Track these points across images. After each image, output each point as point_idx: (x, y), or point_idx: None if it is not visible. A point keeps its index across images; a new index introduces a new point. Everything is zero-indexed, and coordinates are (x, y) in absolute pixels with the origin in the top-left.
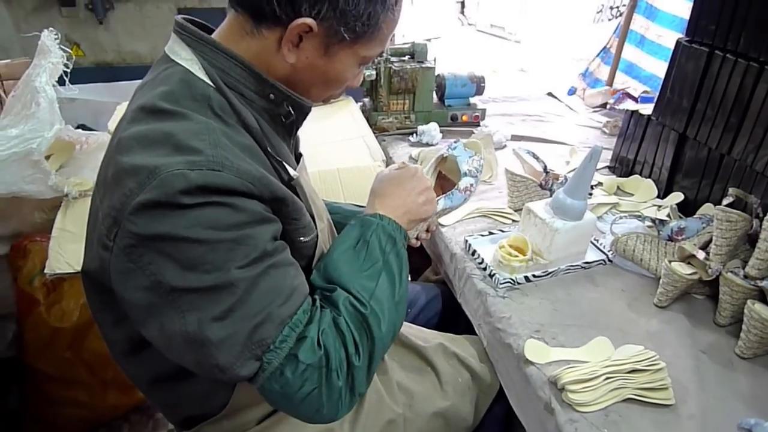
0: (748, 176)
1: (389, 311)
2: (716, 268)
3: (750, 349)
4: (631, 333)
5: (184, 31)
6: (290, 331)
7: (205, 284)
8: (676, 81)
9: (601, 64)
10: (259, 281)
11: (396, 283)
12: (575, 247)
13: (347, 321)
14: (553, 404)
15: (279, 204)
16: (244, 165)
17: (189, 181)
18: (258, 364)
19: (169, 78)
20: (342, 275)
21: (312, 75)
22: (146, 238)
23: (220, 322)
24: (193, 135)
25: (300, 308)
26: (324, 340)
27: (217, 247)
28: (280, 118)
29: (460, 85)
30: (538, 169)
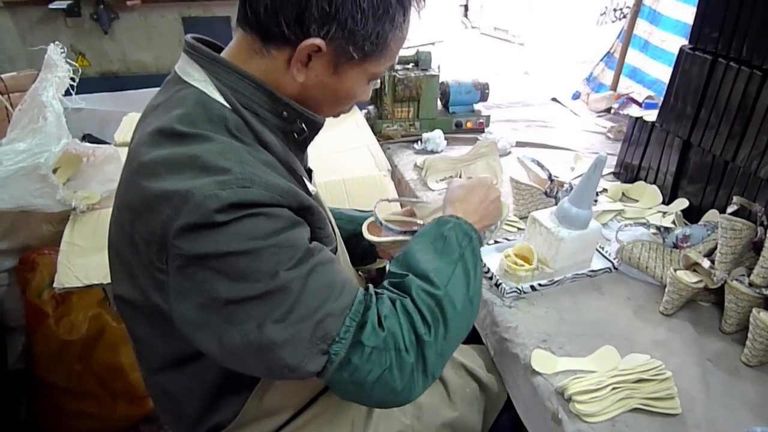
0: (753, 183)
1: (463, 302)
2: (721, 276)
3: (756, 357)
4: (638, 341)
5: (195, 52)
6: (351, 321)
7: (258, 291)
8: (680, 88)
9: (605, 68)
10: (309, 279)
11: (471, 277)
12: (581, 255)
13: (417, 303)
14: (560, 414)
15: (306, 213)
16: (272, 179)
17: (221, 200)
18: (326, 358)
19: (183, 100)
20: (419, 263)
21: (322, 93)
22: (193, 258)
23: (281, 324)
24: (218, 155)
25: (355, 298)
26: (386, 322)
27: (262, 255)
28: (293, 135)
29: (465, 92)
30: (543, 177)
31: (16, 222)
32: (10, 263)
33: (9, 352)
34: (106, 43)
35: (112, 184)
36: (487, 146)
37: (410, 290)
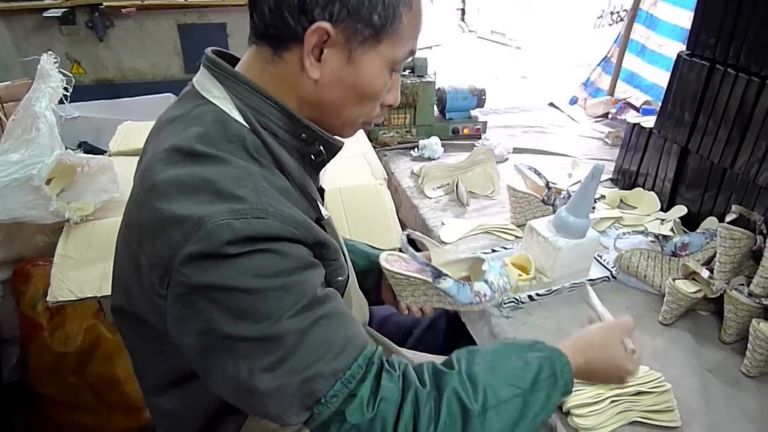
0: (751, 190)
1: (502, 429)
2: (720, 285)
3: (756, 368)
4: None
5: (216, 68)
6: (342, 387)
7: (255, 334)
8: (678, 94)
9: (603, 73)
10: (309, 332)
11: (525, 419)
12: (579, 264)
13: (440, 404)
14: (558, 428)
15: (321, 248)
16: (288, 210)
17: (235, 231)
18: (309, 414)
19: (202, 117)
20: (478, 366)
21: (342, 90)
22: (197, 288)
23: (269, 373)
24: (233, 181)
25: (355, 362)
26: (381, 404)
27: (267, 296)
28: (310, 157)
29: (461, 98)
30: (540, 185)
31: (9, 233)
32: (3, 275)
33: (4, 364)
34: (102, 51)
35: (106, 195)
36: (484, 153)
37: (445, 387)
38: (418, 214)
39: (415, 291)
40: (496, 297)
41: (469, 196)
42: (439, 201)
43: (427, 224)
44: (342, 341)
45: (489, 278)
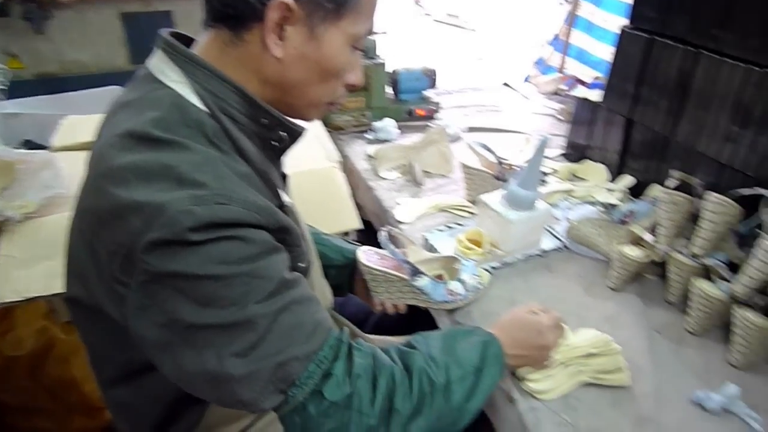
0: (692, 156)
1: (457, 406)
2: (663, 249)
3: (699, 325)
4: (588, 317)
5: (173, 51)
6: (316, 368)
7: (223, 321)
8: (621, 67)
9: (553, 51)
10: (279, 317)
11: (477, 392)
12: (531, 236)
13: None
14: (513, 394)
15: (283, 233)
16: (250, 196)
17: (197, 217)
18: (282, 397)
19: (158, 101)
20: (436, 349)
21: (306, 68)
22: (160, 276)
23: (241, 359)
24: (194, 167)
25: (325, 343)
26: (357, 381)
27: (232, 282)
28: (270, 143)
29: (414, 79)
30: (493, 161)
31: None
32: None
33: None
34: (41, 44)
35: (50, 191)
36: (438, 133)
37: (413, 365)
38: (374, 195)
39: (390, 287)
40: (469, 296)
41: (423, 175)
42: (395, 182)
43: (383, 205)
44: (312, 324)
45: (463, 277)
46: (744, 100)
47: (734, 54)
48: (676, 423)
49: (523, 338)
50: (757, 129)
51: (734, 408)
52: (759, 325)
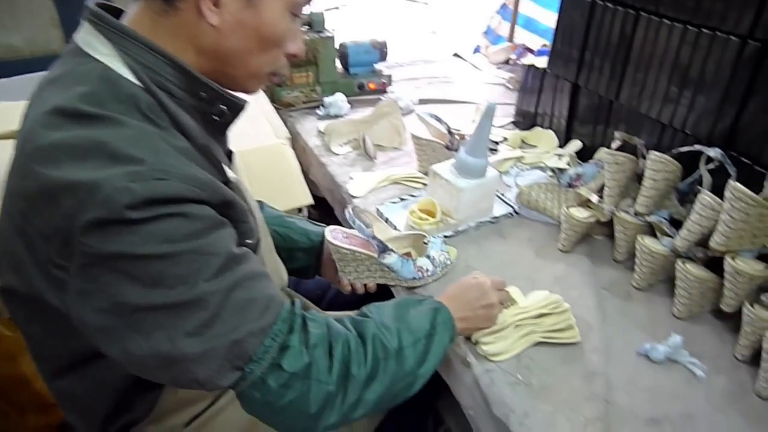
0: (635, 118)
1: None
2: (609, 209)
3: (644, 280)
4: (539, 279)
5: (102, 22)
6: (272, 342)
7: (171, 300)
8: (565, 32)
9: (502, 20)
10: (231, 294)
11: (429, 357)
12: (482, 203)
13: (365, 345)
14: (469, 358)
15: (227, 208)
16: (190, 170)
17: (134, 194)
18: (239, 374)
19: (86, 76)
20: (389, 317)
21: (244, 37)
22: (101, 258)
23: (195, 338)
24: (129, 142)
25: (278, 317)
26: (314, 351)
27: (179, 260)
28: (212, 117)
29: (363, 52)
30: (443, 131)
31: None
32: None
33: None
34: None
35: None
36: (389, 105)
37: (367, 332)
38: (327, 171)
39: (359, 266)
40: (437, 272)
41: (376, 149)
42: (347, 157)
43: (336, 180)
44: (265, 298)
45: (431, 254)
46: (681, 61)
47: (671, 15)
48: (624, 375)
49: (468, 301)
50: (695, 88)
51: (678, 357)
52: (699, 276)
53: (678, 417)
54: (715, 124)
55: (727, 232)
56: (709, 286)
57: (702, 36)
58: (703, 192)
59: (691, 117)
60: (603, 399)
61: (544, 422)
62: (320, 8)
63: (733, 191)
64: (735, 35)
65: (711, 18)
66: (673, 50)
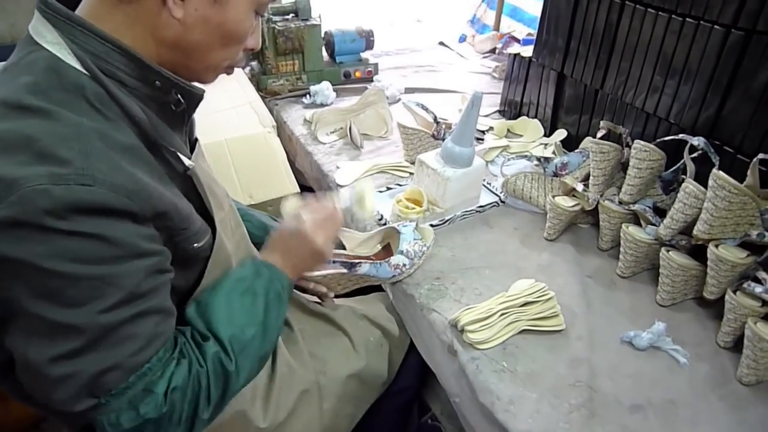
0: (620, 108)
1: (251, 367)
2: (594, 197)
3: (628, 269)
4: (525, 268)
5: (49, 9)
6: (137, 380)
7: (58, 318)
8: (551, 21)
9: (487, 9)
10: (119, 329)
11: (267, 341)
12: (468, 192)
13: (209, 376)
14: (455, 346)
15: (162, 220)
16: (120, 177)
17: (53, 198)
18: (94, 401)
19: (32, 65)
20: (220, 322)
21: (207, 32)
22: (2, 259)
23: (64, 361)
24: (59, 140)
25: (155, 356)
26: (173, 394)
27: (80, 284)
28: (170, 107)
29: (349, 41)
30: (430, 120)
31: None
32: None
33: None
34: None
35: None
36: (375, 94)
37: (207, 359)
38: (313, 160)
39: (339, 282)
40: (415, 262)
41: (362, 138)
42: (334, 146)
43: (322, 169)
44: (149, 336)
45: (404, 248)
46: (666, 50)
47: (656, 4)
48: (608, 361)
49: (290, 250)
50: (679, 78)
51: (661, 344)
52: (683, 264)
53: (661, 403)
54: (699, 113)
55: (710, 220)
56: (693, 274)
57: (686, 25)
58: (687, 180)
59: (675, 106)
60: (587, 386)
61: (529, 409)
62: None
63: (716, 180)
64: (719, 24)
65: (695, 7)
66: (657, 39)
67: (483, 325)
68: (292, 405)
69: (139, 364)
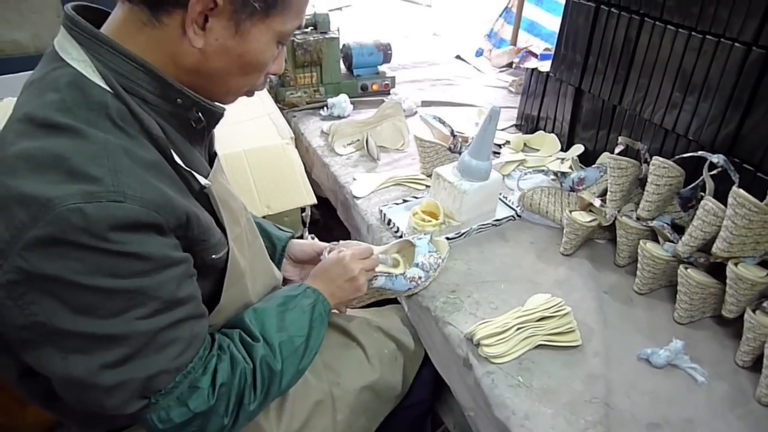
0: (638, 124)
1: (293, 375)
2: (611, 213)
3: (646, 285)
4: (541, 282)
5: (75, 27)
6: (183, 378)
7: (99, 331)
8: (569, 36)
9: (505, 24)
10: (158, 336)
11: (308, 356)
12: (485, 206)
13: (255, 373)
14: (470, 360)
15: (185, 229)
16: (149, 191)
17: (87, 217)
18: (145, 402)
19: (57, 82)
20: (272, 329)
21: (226, 61)
22: (35, 277)
23: (112, 370)
24: (89, 159)
25: (196, 356)
26: (220, 390)
27: (117, 296)
28: (190, 123)
29: (367, 54)
30: (446, 134)
31: None
32: None
33: None
34: None
35: None
36: (392, 107)
37: (256, 358)
38: (330, 172)
39: None
40: (431, 275)
41: (379, 150)
42: (350, 158)
43: (338, 181)
44: (188, 338)
45: (419, 260)
46: (685, 66)
47: (676, 21)
48: (625, 379)
49: (331, 278)
50: (699, 94)
51: (679, 362)
52: (701, 282)
53: (678, 422)
54: (718, 130)
55: (729, 238)
56: (711, 292)
57: (706, 42)
58: (707, 198)
59: (695, 123)
60: (603, 402)
61: (544, 425)
62: (324, 9)
63: (736, 197)
64: (740, 42)
65: (716, 24)
66: (677, 56)
67: (499, 339)
68: (306, 416)
69: (183, 365)
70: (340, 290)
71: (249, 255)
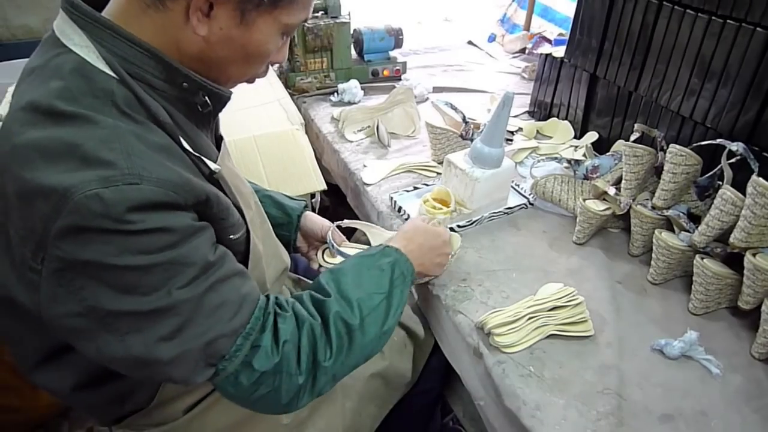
0: (655, 111)
1: (374, 337)
2: (626, 201)
3: (660, 275)
4: (553, 271)
5: (75, 10)
6: (244, 340)
7: (145, 307)
8: (585, 21)
9: (518, 9)
10: (204, 299)
11: (391, 316)
12: (497, 194)
13: (329, 329)
14: (481, 349)
15: (204, 207)
16: (164, 171)
17: (105, 202)
18: (213, 370)
19: (61, 69)
20: (348, 285)
21: (229, 50)
22: (75, 264)
23: (169, 342)
24: (100, 143)
25: (252, 316)
26: (284, 347)
27: (153, 270)
28: (197, 107)
29: (378, 39)
30: (458, 120)
31: None
32: None
33: None
34: None
35: None
36: (404, 93)
37: (328, 314)
38: (340, 158)
39: None
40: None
41: (390, 136)
42: (361, 144)
43: (349, 168)
44: (238, 300)
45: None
46: (704, 52)
47: (695, 5)
48: (638, 370)
49: (429, 247)
50: (717, 81)
51: (693, 353)
52: (717, 272)
53: (692, 414)
54: (737, 117)
55: (748, 228)
56: (727, 283)
57: (727, 27)
58: (725, 187)
59: (713, 110)
60: (616, 393)
61: (556, 415)
62: None
63: (756, 186)
64: (761, 27)
65: (736, 9)
66: (696, 41)
67: (510, 328)
68: (314, 402)
69: (240, 326)
70: (429, 262)
71: (261, 238)
